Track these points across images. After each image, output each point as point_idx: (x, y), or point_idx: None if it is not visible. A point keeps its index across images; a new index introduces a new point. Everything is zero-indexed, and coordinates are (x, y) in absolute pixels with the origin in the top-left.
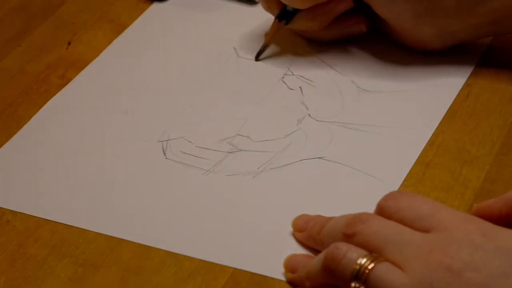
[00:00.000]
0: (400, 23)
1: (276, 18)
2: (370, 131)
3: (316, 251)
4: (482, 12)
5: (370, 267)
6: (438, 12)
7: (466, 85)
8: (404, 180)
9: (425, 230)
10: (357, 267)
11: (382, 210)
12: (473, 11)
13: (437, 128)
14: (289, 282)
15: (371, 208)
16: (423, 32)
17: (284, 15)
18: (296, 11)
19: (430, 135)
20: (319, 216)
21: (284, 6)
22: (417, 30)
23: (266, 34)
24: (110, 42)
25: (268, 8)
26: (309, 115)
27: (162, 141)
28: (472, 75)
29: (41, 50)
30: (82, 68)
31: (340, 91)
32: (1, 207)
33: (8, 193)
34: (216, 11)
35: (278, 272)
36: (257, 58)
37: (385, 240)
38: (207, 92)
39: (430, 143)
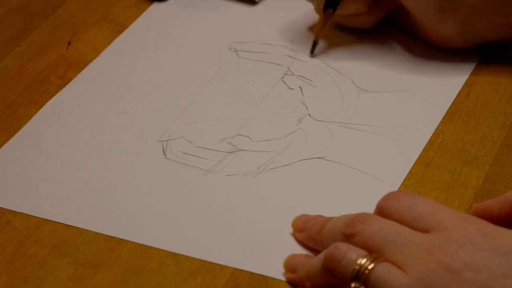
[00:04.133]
0: (424, 16)
1: (322, 8)
2: (370, 131)
3: (316, 251)
4: (510, 11)
5: (370, 267)
6: (463, 8)
7: (466, 85)
8: (404, 180)
9: (424, 230)
10: (357, 267)
11: (382, 210)
12: (500, 10)
13: (437, 128)
14: (289, 282)
15: (371, 208)
16: (445, 28)
17: (329, 4)
18: None
19: (430, 135)
20: (319, 216)
21: None
22: (439, 26)
23: (315, 28)
24: (110, 42)
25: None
26: (309, 115)
27: (162, 141)
28: (472, 75)
29: (41, 50)
30: (82, 68)
31: (340, 91)
32: (1, 207)
33: (8, 193)
34: (216, 11)
35: (278, 272)
36: (312, 53)
37: (385, 240)
38: (207, 92)
39: (430, 143)
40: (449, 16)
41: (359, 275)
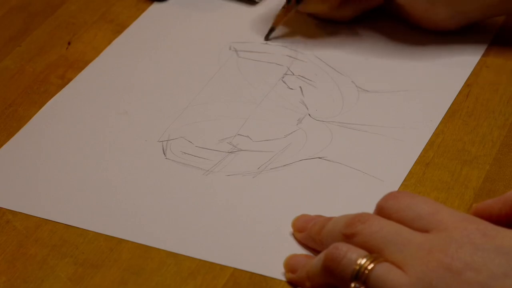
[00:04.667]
0: (415, 5)
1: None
2: (370, 131)
3: (316, 251)
4: None
5: (370, 267)
6: None
7: (466, 85)
8: (404, 180)
9: (424, 230)
10: (357, 267)
11: (381, 210)
12: None
13: (437, 128)
14: (289, 282)
15: (371, 208)
16: (437, 14)
17: None
18: None
19: (430, 135)
20: (319, 216)
21: None
22: (430, 11)
23: (276, 16)
24: (110, 42)
25: None
26: (309, 115)
27: (162, 141)
28: (472, 75)
29: (41, 50)
30: (82, 68)
31: (340, 91)
32: (1, 207)
33: (8, 193)
34: (216, 11)
35: (278, 272)
36: (266, 38)
37: (385, 240)
38: (207, 92)
39: (430, 143)
40: (440, 2)
41: (359, 275)
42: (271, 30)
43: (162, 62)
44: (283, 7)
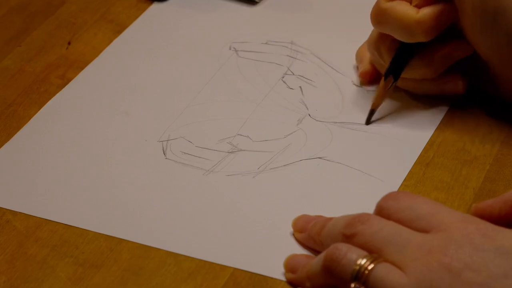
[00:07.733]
0: (507, 73)
1: (384, 75)
2: (370, 131)
3: (316, 252)
4: None
5: (370, 267)
6: None
7: None
8: (404, 180)
9: (424, 230)
10: (357, 267)
11: (381, 211)
12: None
13: (437, 128)
14: (289, 282)
15: (371, 208)
16: None
17: (391, 70)
18: (404, 64)
19: (430, 135)
20: (319, 216)
21: (393, 61)
22: None
23: (375, 96)
24: (110, 42)
25: (377, 64)
26: (309, 115)
27: (162, 141)
28: None
29: (41, 50)
30: (82, 68)
31: (340, 91)
32: (1, 207)
33: (8, 193)
34: (216, 11)
35: (278, 272)
36: (367, 122)
37: (385, 241)
38: (207, 92)
39: (430, 143)
40: None
41: (359, 275)
42: (371, 113)
43: (162, 62)
44: (381, 86)
